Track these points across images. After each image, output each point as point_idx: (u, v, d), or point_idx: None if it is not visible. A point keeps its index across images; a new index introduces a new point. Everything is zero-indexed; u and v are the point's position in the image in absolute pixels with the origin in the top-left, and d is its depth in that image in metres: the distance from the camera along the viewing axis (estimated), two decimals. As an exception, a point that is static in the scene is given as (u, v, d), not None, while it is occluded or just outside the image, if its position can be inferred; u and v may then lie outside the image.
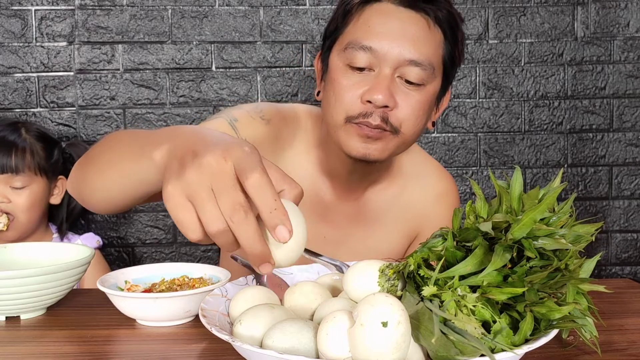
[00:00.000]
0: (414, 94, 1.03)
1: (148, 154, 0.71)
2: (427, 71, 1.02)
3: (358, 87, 1.02)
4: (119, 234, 2.04)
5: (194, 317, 0.90)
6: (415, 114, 1.03)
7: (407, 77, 1.01)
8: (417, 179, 1.23)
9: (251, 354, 0.63)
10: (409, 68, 1.01)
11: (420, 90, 1.03)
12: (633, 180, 2.13)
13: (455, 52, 1.07)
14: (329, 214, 1.20)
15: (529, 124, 2.10)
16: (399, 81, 1.02)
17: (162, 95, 2.01)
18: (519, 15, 2.07)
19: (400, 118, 1.02)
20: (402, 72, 1.02)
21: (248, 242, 0.60)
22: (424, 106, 1.04)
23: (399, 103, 1.02)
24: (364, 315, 0.60)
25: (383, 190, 1.21)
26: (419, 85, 1.03)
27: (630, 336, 0.82)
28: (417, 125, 1.05)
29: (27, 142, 1.76)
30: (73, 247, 1.04)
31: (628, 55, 2.10)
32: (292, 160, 1.17)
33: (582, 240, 0.69)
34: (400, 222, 1.22)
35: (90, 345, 0.81)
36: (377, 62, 1.01)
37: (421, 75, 1.02)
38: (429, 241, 0.70)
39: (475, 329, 0.61)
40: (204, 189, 0.60)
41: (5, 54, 1.97)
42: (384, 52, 1.01)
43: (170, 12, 2.00)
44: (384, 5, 1.04)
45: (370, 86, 1.01)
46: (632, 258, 2.15)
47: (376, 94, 0.99)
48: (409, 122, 1.03)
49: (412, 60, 1.01)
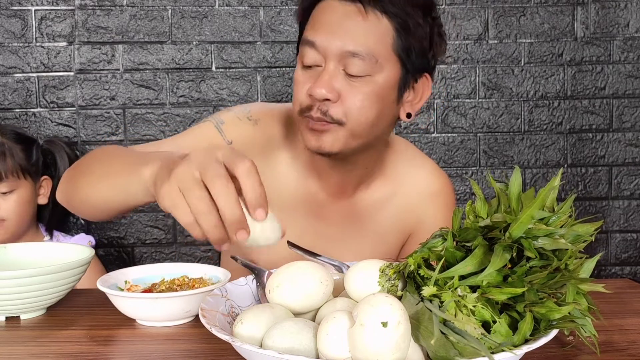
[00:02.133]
0: (358, 86, 1.03)
1: (138, 171, 0.81)
2: (369, 62, 1.02)
3: (307, 82, 1.05)
4: (118, 234, 2.04)
5: (194, 317, 0.90)
6: (359, 105, 1.03)
7: (348, 69, 1.03)
8: (412, 178, 1.23)
9: (251, 354, 0.63)
10: (350, 60, 1.02)
11: (364, 81, 1.03)
12: (633, 180, 2.13)
13: (411, 41, 1.05)
14: (322, 213, 1.20)
15: (528, 124, 2.10)
16: (343, 74, 1.03)
17: (162, 96, 2.01)
18: (518, 15, 2.07)
19: (342, 110, 1.03)
20: (345, 65, 1.03)
21: (228, 206, 0.68)
22: (371, 97, 1.04)
23: (342, 95, 1.03)
24: (364, 315, 0.60)
25: (376, 189, 1.21)
26: (362, 77, 1.03)
27: (630, 336, 0.82)
28: (364, 116, 1.04)
29: (6, 146, 1.72)
30: (73, 247, 1.04)
31: (628, 56, 2.10)
32: (285, 160, 1.19)
33: (582, 240, 0.70)
34: (395, 222, 1.22)
35: (90, 345, 0.81)
36: (322, 57, 1.04)
37: (362, 66, 1.02)
38: (429, 241, 0.70)
39: (475, 329, 0.61)
40: (191, 178, 0.69)
41: (5, 54, 1.97)
42: (324, 47, 1.03)
43: (170, 12, 2.00)
44: (330, 2, 1.06)
45: (314, 80, 1.04)
46: (632, 258, 2.15)
47: (316, 88, 1.02)
48: (353, 114, 1.04)
49: (350, 51, 1.01)
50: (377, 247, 1.21)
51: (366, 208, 1.21)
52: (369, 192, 1.21)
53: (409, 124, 2.07)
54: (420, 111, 1.14)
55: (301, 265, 0.75)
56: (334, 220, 1.20)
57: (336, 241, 1.19)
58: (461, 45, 2.07)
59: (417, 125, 2.08)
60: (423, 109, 2.08)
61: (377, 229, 1.21)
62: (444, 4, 2.06)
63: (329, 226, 1.20)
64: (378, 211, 1.21)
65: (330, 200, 1.20)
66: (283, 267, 0.76)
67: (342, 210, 1.20)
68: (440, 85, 2.07)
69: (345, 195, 1.20)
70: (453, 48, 2.07)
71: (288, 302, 0.73)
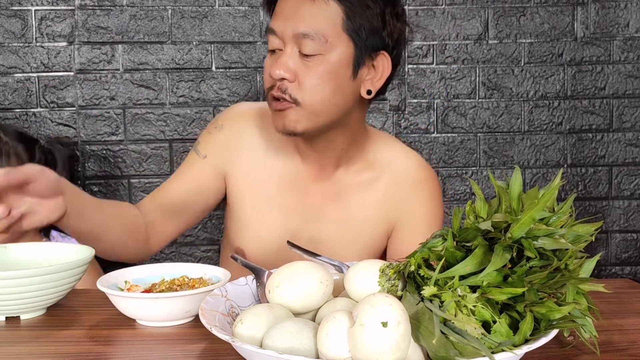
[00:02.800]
0: (312, 65, 1.12)
1: None
2: (319, 42, 1.11)
3: (270, 65, 1.15)
4: (118, 234, 2.04)
5: (194, 317, 0.90)
6: (314, 82, 1.12)
7: (302, 49, 1.12)
8: (396, 167, 1.28)
9: (251, 354, 0.63)
10: (303, 41, 1.11)
11: (317, 60, 1.12)
12: (633, 180, 2.13)
13: (361, 21, 1.13)
14: (306, 192, 1.26)
15: (528, 124, 2.10)
16: (299, 55, 1.13)
17: (162, 95, 2.01)
18: (518, 15, 2.07)
19: (299, 89, 1.12)
20: (299, 46, 1.12)
21: None
22: (324, 75, 1.12)
23: (298, 75, 1.12)
24: (364, 315, 0.60)
25: (358, 173, 1.26)
26: (314, 56, 1.12)
27: (630, 336, 0.82)
28: (319, 94, 1.12)
29: (10, 146, 1.70)
30: (73, 247, 1.04)
31: (628, 56, 2.10)
32: (262, 148, 1.28)
33: (582, 240, 0.70)
34: (378, 207, 1.26)
35: (90, 345, 0.81)
36: (282, 42, 1.14)
37: (314, 46, 1.11)
38: (429, 241, 0.70)
39: (475, 329, 0.61)
40: None
41: (5, 54, 1.97)
42: (281, 31, 1.13)
43: (170, 12, 2.00)
44: None
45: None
46: (632, 258, 2.15)
47: (275, 69, 1.12)
48: (308, 91, 1.12)
49: (302, 33, 1.11)
50: (361, 229, 1.26)
51: (348, 189, 1.26)
52: (350, 174, 1.26)
53: (409, 124, 2.07)
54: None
55: (301, 265, 0.75)
56: (317, 199, 1.26)
57: (320, 221, 1.25)
58: (461, 45, 2.07)
59: (417, 125, 2.08)
60: (423, 109, 2.08)
61: (360, 212, 1.26)
62: (444, 4, 2.06)
63: (313, 205, 1.26)
64: (360, 194, 1.26)
65: (312, 179, 1.26)
66: (283, 267, 0.76)
67: (324, 189, 1.26)
68: (440, 85, 2.07)
69: (325, 175, 1.26)
70: (453, 48, 2.07)
71: (288, 302, 0.73)
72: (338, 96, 1.14)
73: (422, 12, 2.06)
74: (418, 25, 2.06)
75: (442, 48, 2.07)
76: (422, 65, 2.07)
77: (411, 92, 2.07)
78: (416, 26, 2.06)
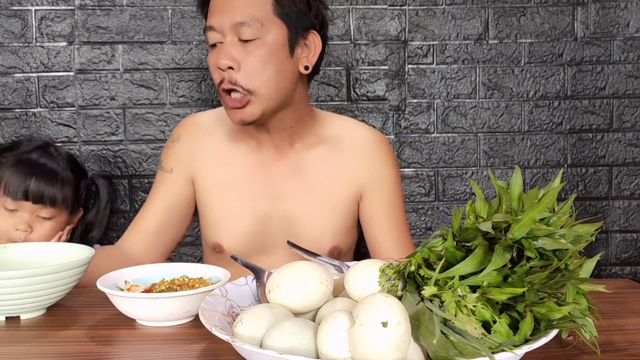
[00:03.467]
0: (252, 49, 1.22)
1: None
2: (255, 27, 1.21)
3: (214, 59, 1.24)
4: (119, 234, 2.04)
5: (194, 317, 0.90)
6: (258, 65, 1.22)
7: (241, 36, 1.21)
8: (347, 136, 1.38)
9: (251, 354, 0.63)
10: (240, 29, 1.21)
11: (256, 45, 1.22)
12: (633, 180, 2.13)
13: (289, 6, 1.24)
14: (270, 173, 1.35)
15: (528, 124, 2.10)
16: (239, 43, 1.22)
17: (162, 96, 2.01)
18: (518, 15, 2.07)
19: (247, 77, 1.21)
20: (238, 34, 1.21)
21: None
22: (264, 56, 1.22)
23: (242, 62, 1.21)
24: (364, 315, 0.60)
25: (312, 147, 1.36)
26: (253, 41, 1.21)
27: (630, 336, 0.82)
28: (264, 75, 1.22)
29: (65, 173, 1.69)
30: (73, 247, 1.04)
31: (628, 56, 2.10)
32: (222, 143, 1.37)
33: (582, 240, 0.69)
34: (339, 176, 1.35)
35: (90, 345, 0.81)
36: (221, 34, 1.23)
37: (251, 31, 1.21)
38: (429, 241, 0.70)
39: (475, 329, 0.61)
40: None
41: (5, 54, 1.97)
42: (219, 25, 1.22)
43: (170, 12, 2.00)
44: None
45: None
46: (632, 258, 2.15)
47: (220, 60, 1.21)
48: (254, 76, 1.22)
49: (239, 22, 1.20)
50: (328, 200, 1.35)
51: (306, 164, 1.35)
52: (305, 149, 1.35)
53: (409, 124, 2.07)
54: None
55: (301, 265, 0.75)
56: (279, 179, 1.34)
57: (288, 200, 1.34)
58: (461, 45, 2.07)
59: (417, 125, 2.08)
60: (423, 109, 2.08)
61: (323, 183, 1.35)
62: (444, 4, 2.06)
63: (278, 186, 1.34)
64: (319, 167, 1.35)
65: (271, 161, 1.35)
66: (283, 267, 0.76)
67: (284, 168, 1.35)
68: (440, 85, 2.07)
69: (282, 155, 1.35)
70: (453, 48, 2.07)
71: (288, 302, 0.73)
72: (280, 76, 1.24)
73: (422, 12, 2.06)
74: (418, 25, 2.06)
75: (442, 48, 2.07)
76: (422, 65, 2.07)
77: (411, 92, 2.07)
78: (416, 26, 2.06)
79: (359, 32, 2.04)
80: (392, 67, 2.06)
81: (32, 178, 1.62)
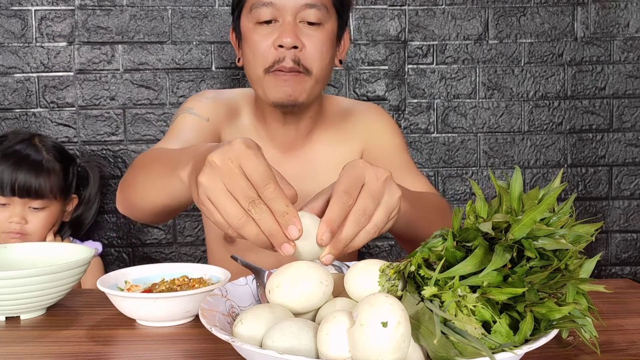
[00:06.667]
0: (316, 34, 1.20)
1: (176, 174, 0.85)
2: (322, 11, 1.19)
3: (269, 37, 1.19)
4: (119, 234, 2.04)
5: (194, 317, 0.90)
6: (320, 50, 1.20)
7: (307, 19, 1.19)
8: (350, 110, 1.38)
9: (251, 354, 0.63)
10: (307, 11, 1.18)
11: (320, 29, 1.20)
12: (633, 180, 2.13)
13: None
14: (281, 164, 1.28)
15: (528, 124, 2.10)
16: (301, 25, 1.19)
17: (162, 96, 2.01)
18: (518, 15, 2.07)
19: (309, 57, 1.19)
20: (302, 16, 1.18)
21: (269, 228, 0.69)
22: (327, 43, 1.21)
23: (305, 44, 1.18)
24: (364, 315, 0.60)
25: (318, 139, 1.34)
26: (318, 25, 1.20)
27: (630, 336, 0.82)
28: (324, 62, 1.21)
29: (50, 163, 1.71)
30: (73, 247, 1.04)
31: (628, 56, 2.10)
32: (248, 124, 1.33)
33: (582, 240, 0.69)
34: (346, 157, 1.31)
35: (90, 345, 0.81)
36: (280, 13, 1.18)
37: (318, 15, 1.19)
38: (429, 241, 0.70)
39: (475, 329, 0.61)
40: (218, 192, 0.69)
41: (5, 54, 1.97)
42: (282, 4, 1.18)
43: (170, 12, 2.00)
44: None
45: (278, 33, 1.18)
46: (632, 258, 2.15)
47: (285, 37, 1.16)
48: (316, 60, 1.20)
49: (308, 3, 1.18)
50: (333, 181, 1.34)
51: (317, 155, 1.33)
52: (312, 143, 1.34)
53: (409, 124, 2.07)
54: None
55: (301, 265, 0.75)
56: (292, 168, 1.30)
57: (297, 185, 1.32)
58: (461, 45, 2.07)
59: (417, 125, 2.08)
60: (423, 109, 2.08)
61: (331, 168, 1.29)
62: (444, 4, 2.06)
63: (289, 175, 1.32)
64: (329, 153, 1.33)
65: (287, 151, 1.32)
66: (283, 267, 0.76)
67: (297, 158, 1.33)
68: (440, 85, 2.07)
69: (293, 150, 1.32)
70: (453, 48, 2.07)
71: (288, 302, 0.73)
72: (332, 64, 1.25)
73: (422, 12, 2.06)
74: (418, 25, 2.06)
75: (442, 48, 2.07)
76: (422, 65, 2.07)
77: (411, 92, 2.07)
78: (416, 26, 2.06)
79: (359, 32, 2.04)
80: (392, 67, 2.06)
81: (17, 172, 1.65)
